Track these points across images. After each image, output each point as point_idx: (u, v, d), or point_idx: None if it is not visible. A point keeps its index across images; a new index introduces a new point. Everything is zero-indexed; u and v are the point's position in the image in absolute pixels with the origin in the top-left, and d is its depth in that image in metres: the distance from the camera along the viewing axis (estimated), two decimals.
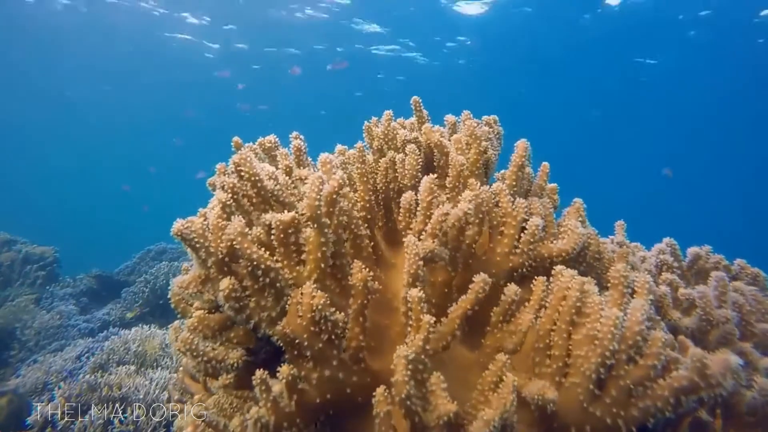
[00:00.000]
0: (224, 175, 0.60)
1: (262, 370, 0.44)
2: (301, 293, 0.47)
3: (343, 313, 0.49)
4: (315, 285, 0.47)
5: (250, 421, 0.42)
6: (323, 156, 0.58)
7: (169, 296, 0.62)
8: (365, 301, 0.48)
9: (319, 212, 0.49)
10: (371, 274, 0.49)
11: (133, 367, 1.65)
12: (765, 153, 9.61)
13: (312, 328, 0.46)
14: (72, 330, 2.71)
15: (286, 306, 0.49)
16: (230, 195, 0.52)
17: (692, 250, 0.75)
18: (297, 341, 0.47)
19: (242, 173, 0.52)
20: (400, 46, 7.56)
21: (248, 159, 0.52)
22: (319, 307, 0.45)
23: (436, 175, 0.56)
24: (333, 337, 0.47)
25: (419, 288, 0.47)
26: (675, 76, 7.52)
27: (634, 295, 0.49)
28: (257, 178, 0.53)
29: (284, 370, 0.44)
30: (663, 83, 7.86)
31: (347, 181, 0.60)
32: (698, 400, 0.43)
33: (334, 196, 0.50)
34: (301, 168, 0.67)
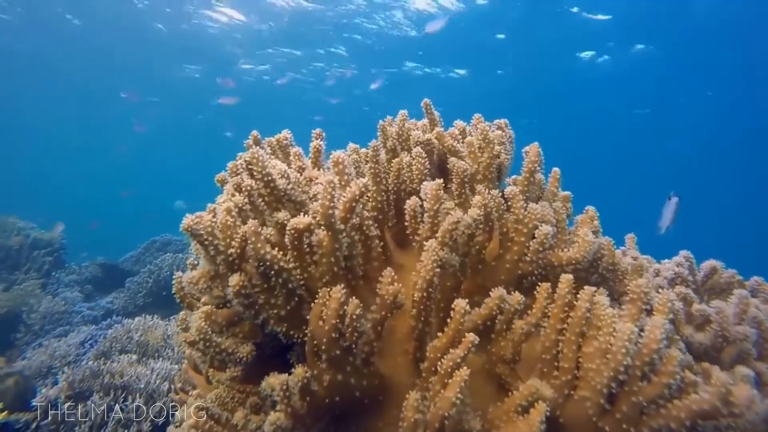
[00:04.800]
0: (236, 174, 0.59)
1: (285, 375, 0.43)
2: (329, 296, 0.46)
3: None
4: (343, 288, 0.46)
5: (270, 427, 0.41)
6: (335, 155, 0.57)
7: (173, 291, 0.62)
8: (389, 314, 0.48)
9: (333, 219, 0.48)
10: (402, 288, 0.48)
11: (135, 356, 1.67)
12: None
13: (333, 335, 0.45)
14: (76, 316, 2.74)
15: (295, 305, 0.49)
16: (246, 198, 0.51)
17: (708, 264, 0.74)
18: (315, 342, 0.46)
19: (254, 172, 0.52)
20: None
21: (260, 158, 0.51)
22: (355, 316, 0.44)
23: (441, 180, 0.55)
24: (353, 346, 0.46)
25: (466, 302, 0.47)
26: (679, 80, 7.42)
27: (654, 312, 0.48)
28: (269, 178, 0.52)
29: (299, 372, 0.43)
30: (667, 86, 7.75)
31: (368, 188, 0.59)
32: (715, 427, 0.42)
33: (353, 204, 0.49)
34: (316, 168, 0.66)
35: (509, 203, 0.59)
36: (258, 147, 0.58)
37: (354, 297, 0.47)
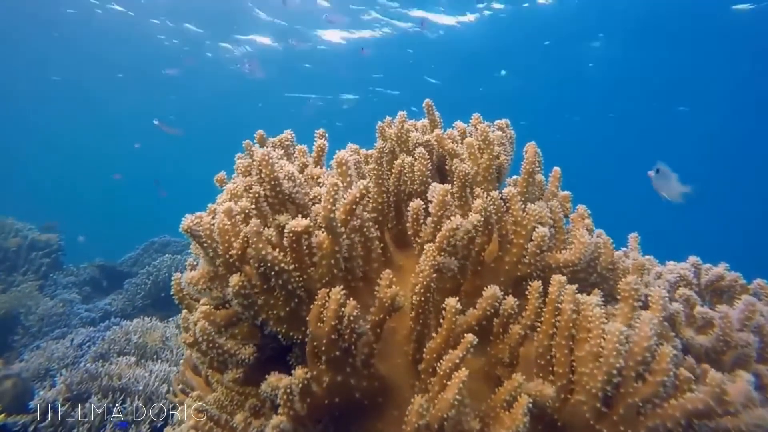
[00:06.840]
0: (248, 174, 0.58)
1: (288, 379, 0.43)
2: (329, 297, 0.46)
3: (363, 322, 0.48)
4: (342, 290, 0.46)
5: (273, 431, 0.41)
6: (339, 155, 0.57)
7: (172, 292, 0.62)
8: (387, 316, 0.48)
9: (334, 223, 0.48)
10: (401, 290, 0.48)
11: (133, 358, 1.66)
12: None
13: (332, 336, 0.46)
14: (74, 318, 2.73)
15: (295, 306, 0.49)
16: (253, 203, 0.51)
17: (716, 271, 0.73)
18: (314, 344, 0.46)
19: (262, 174, 0.52)
20: None
21: (270, 161, 0.51)
22: (351, 317, 0.44)
23: (450, 186, 0.55)
24: (352, 347, 0.47)
25: (457, 300, 0.47)
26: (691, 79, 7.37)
27: (648, 310, 0.47)
28: (276, 182, 0.52)
29: (299, 374, 0.43)
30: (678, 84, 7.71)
31: (370, 190, 0.58)
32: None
33: (354, 206, 0.49)
34: (318, 167, 0.66)
35: (508, 205, 0.59)
36: (267, 147, 0.58)
37: (353, 298, 0.47)
